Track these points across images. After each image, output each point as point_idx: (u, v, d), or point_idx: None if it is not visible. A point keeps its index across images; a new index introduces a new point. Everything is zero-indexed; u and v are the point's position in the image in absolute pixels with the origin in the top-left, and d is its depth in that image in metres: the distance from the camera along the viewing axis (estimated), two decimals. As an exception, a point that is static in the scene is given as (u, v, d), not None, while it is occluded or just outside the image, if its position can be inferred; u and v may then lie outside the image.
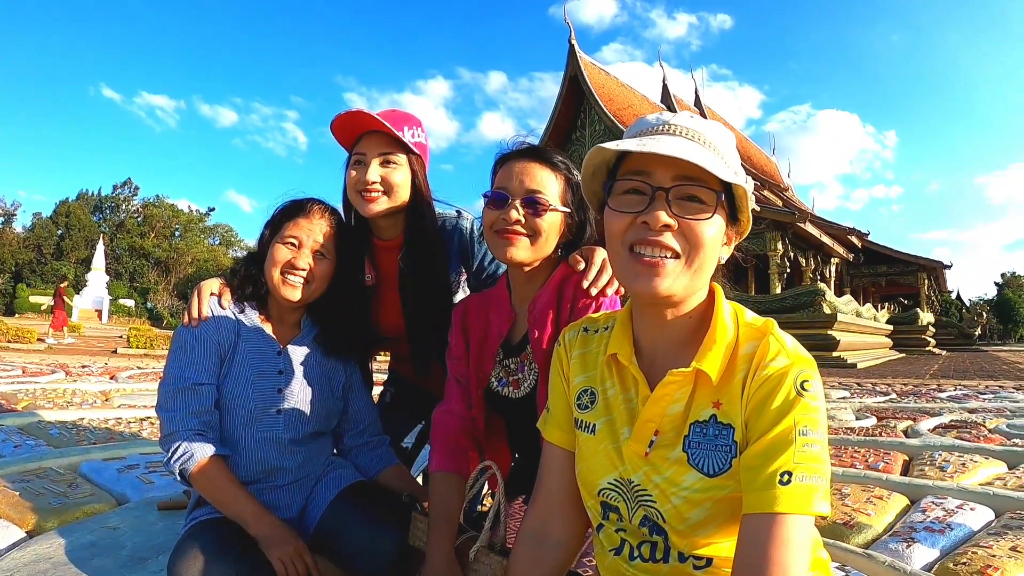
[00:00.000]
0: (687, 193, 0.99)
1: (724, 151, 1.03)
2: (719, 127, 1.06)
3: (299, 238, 1.79)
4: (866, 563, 2.00)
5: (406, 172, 1.91)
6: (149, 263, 63.79)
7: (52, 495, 2.45)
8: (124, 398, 5.49)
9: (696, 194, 0.99)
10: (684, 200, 0.99)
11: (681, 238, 0.99)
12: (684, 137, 1.01)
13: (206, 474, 1.62)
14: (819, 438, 0.92)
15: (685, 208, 0.99)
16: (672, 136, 1.01)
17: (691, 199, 0.99)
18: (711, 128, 1.04)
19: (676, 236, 0.99)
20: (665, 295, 1.00)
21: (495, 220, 1.53)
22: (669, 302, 1.04)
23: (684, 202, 0.99)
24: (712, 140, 1.02)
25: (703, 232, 0.99)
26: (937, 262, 32.64)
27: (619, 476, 1.09)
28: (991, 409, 6.06)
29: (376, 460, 2.01)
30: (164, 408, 1.68)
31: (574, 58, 26.81)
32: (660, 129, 1.03)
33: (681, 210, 0.99)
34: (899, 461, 3.45)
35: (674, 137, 1.01)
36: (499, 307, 1.68)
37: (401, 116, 1.93)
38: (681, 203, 0.99)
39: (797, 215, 21.31)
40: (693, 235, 0.99)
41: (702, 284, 1.04)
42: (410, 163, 1.92)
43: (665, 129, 1.03)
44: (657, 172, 1.00)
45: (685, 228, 0.99)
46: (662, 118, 1.05)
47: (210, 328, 1.76)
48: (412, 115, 1.98)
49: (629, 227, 1.02)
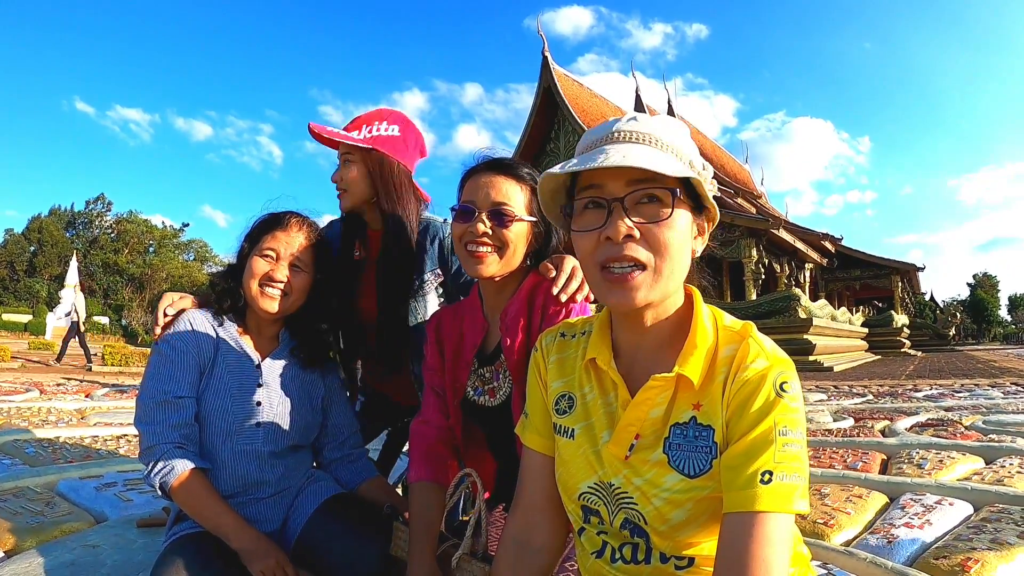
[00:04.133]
0: (643, 196, 0.99)
1: (676, 145, 1.03)
2: (669, 122, 1.06)
3: (277, 250, 1.80)
4: (848, 560, 2.02)
5: (359, 169, 2.03)
6: (123, 279, 63.02)
7: (29, 514, 2.41)
8: (100, 416, 5.40)
9: (653, 195, 0.99)
10: (642, 204, 0.99)
11: (645, 245, 0.99)
12: (631, 142, 1.01)
13: (186, 488, 1.61)
14: (798, 438, 0.94)
15: (644, 212, 0.99)
16: (620, 144, 1.01)
17: (649, 201, 0.99)
18: (660, 125, 1.04)
19: (640, 244, 0.99)
20: (642, 305, 1.01)
21: (463, 232, 1.54)
22: (648, 309, 1.05)
23: (642, 206, 0.99)
24: (661, 137, 1.02)
25: (665, 235, 0.99)
26: (910, 264, 33.13)
27: (599, 480, 1.09)
28: (967, 407, 6.15)
29: (356, 473, 2.00)
30: (143, 421, 1.66)
31: (548, 70, 26.98)
32: (608, 138, 1.03)
33: (640, 215, 0.99)
34: (877, 460, 3.49)
35: (621, 144, 1.01)
36: (472, 317, 1.70)
37: (366, 116, 2.07)
38: (639, 208, 0.99)
39: (771, 222, 21.56)
40: (656, 240, 0.99)
41: (677, 285, 1.05)
42: (365, 160, 2.03)
43: (613, 138, 1.03)
44: (609, 183, 1.00)
45: (647, 234, 0.98)
46: (608, 127, 1.05)
47: (189, 341, 1.74)
48: (384, 111, 2.11)
49: (596, 245, 1.02)
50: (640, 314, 1.06)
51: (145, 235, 69.20)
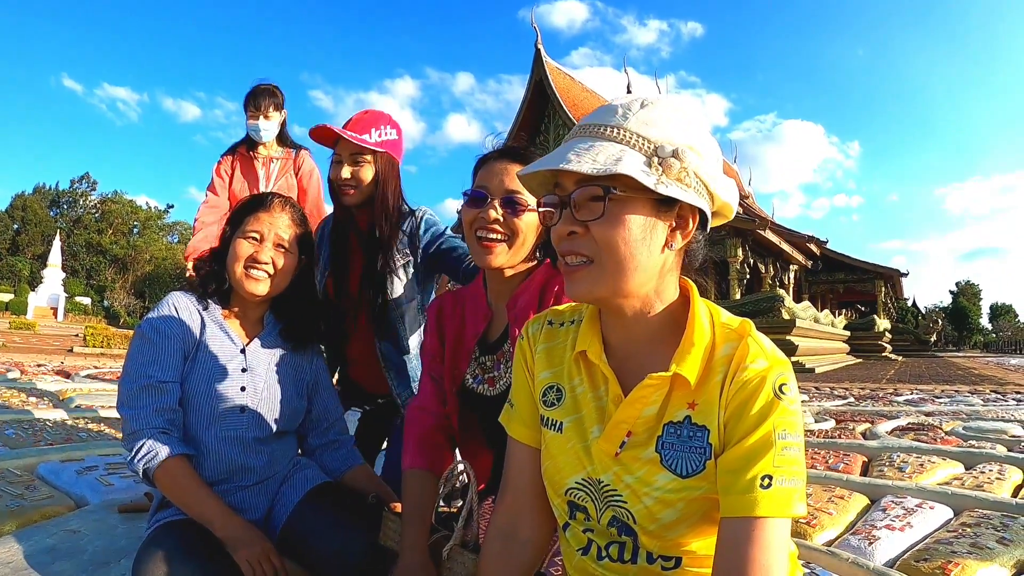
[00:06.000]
0: (590, 195, 0.96)
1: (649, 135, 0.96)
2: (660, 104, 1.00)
3: (260, 232, 1.79)
4: (830, 560, 2.03)
5: (372, 169, 2.22)
6: (106, 260, 62.49)
7: (9, 497, 2.38)
8: (81, 398, 5.34)
9: (597, 193, 0.96)
10: (592, 201, 0.97)
11: (592, 242, 0.97)
12: (579, 136, 1.00)
13: (170, 474, 1.59)
14: (797, 441, 0.93)
15: (590, 210, 0.96)
16: (584, 139, 0.99)
17: (595, 199, 0.96)
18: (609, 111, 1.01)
19: (586, 240, 0.97)
20: (588, 299, 1.01)
21: (474, 219, 1.53)
22: (605, 304, 1.04)
23: (591, 203, 0.97)
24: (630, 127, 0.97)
25: (604, 232, 0.96)
26: (894, 270, 33.47)
27: (587, 476, 1.08)
28: (947, 412, 6.20)
29: (342, 460, 2.00)
30: (127, 406, 1.64)
31: (540, 63, 27.01)
32: (577, 132, 1.02)
33: (587, 212, 0.97)
34: (858, 462, 3.51)
35: (584, 139, 0.98)
36: (475, 305, 1.68)
37: (370, 119, 2.25)
38: (589, 204, 0.97)
39: (757, 222, 21.70)
40: (596, 238, 0.97)
41: (638, 282, 1.00)
42: (375, 160, 2.22)
43: (580, 132, 1.01)
44: (564, 181, 1.00)
45: (593, 231, 0.97)
46: (584, 121, 1.03)
47: (173, 325, 1.73)
48: (382, 114, 2.30)
49: (559, 239, 1.02)
50: (609, 305, 1.04)
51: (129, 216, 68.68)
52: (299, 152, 3.66)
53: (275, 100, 3.49)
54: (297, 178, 3.62)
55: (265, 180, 3.54)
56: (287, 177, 3.59)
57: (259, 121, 3.45)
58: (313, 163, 3.68)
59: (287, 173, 3.59)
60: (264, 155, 3.58)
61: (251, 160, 3.56)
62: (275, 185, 3.54)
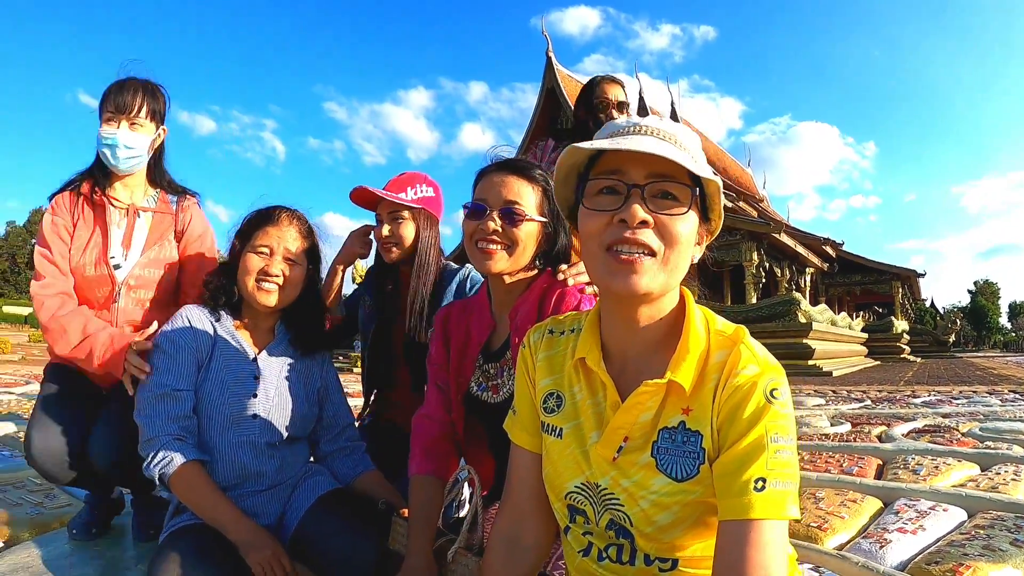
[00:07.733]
0: (661, 190, 0.99)
1: (693, 150, 1.04)
2: (686, 129, 1.07)
3: (270, 246, 1.83)
4: (840, 564, 2.03)
5: (411, 225, 2.25)
6: (125, 273, 62.95)
7: (29, 505, 2.43)
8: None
9: (670, 191, 0.99)
10: (658, 198, 0.99)
11: (657, 235, 0.99)
12: (655, 137, 1.02)
13: (185, 479, 1.63)
14: (789, 444, 0.94)
15: (660, 205, 0.99)
16: (643, 136, 1.02)
17: (665, 196, 1.00)
18: (679, 129, 1.05)
19: (652, 233, 0.99)
20: (643, 292, 1.00)
21: (474, 230, 1.56)
22: (646, 300, 1.04)
23: (659, 199, 0.99)
24: (681, 140, 1.04)
25: (678, 228, 0.99)
26: (911, 270, 33.16)
27: (586, 480, 1.10)
28: (964, 413, 6.15)
29: (353, 465, 2.02)
30: (143, 414, 1.69)
31: (551, 70, 27.01)
32: (631, 130, 1.04)
33: (656, 207, 0.99)
34: (873, 465, 3.49)
35: (645, 136, 1.02)
36: (480, 314, 1.71)
37: (406, 178, 2.28)
38: (656, 200, 0.99)
39: (772, 226, 21.57)
40: (668, 232, 0.99)
41: (676, 282, 1.04)
42: (414, 217, 2.25)
43: (635, 130, 1.04)
44: (631, 170, 1.00)
45: (661, 224, 0.99)
46: (631, 120, 1.06)
47: (187, 336, 1.78)
48: (418, 174, 2.34)
49: (606, 227, 1.01)
50: (636, 308, 1.05)
51: (147, 229, 69.10)
52: (183, 200, 2.32)
53: (151, 103, 2.16)
54: (180, 244, 2.27)
55: (124, 242, 2.15)
56: (165, 242, 2.22)
57: (118, 130, 2.07)
58: (206, 221, 2.39)
59: (165, 234, 2.23)
60: (125, 201, 2.20)
61: (101, 207, 2.15)
62: (143, 256, 2.17)
